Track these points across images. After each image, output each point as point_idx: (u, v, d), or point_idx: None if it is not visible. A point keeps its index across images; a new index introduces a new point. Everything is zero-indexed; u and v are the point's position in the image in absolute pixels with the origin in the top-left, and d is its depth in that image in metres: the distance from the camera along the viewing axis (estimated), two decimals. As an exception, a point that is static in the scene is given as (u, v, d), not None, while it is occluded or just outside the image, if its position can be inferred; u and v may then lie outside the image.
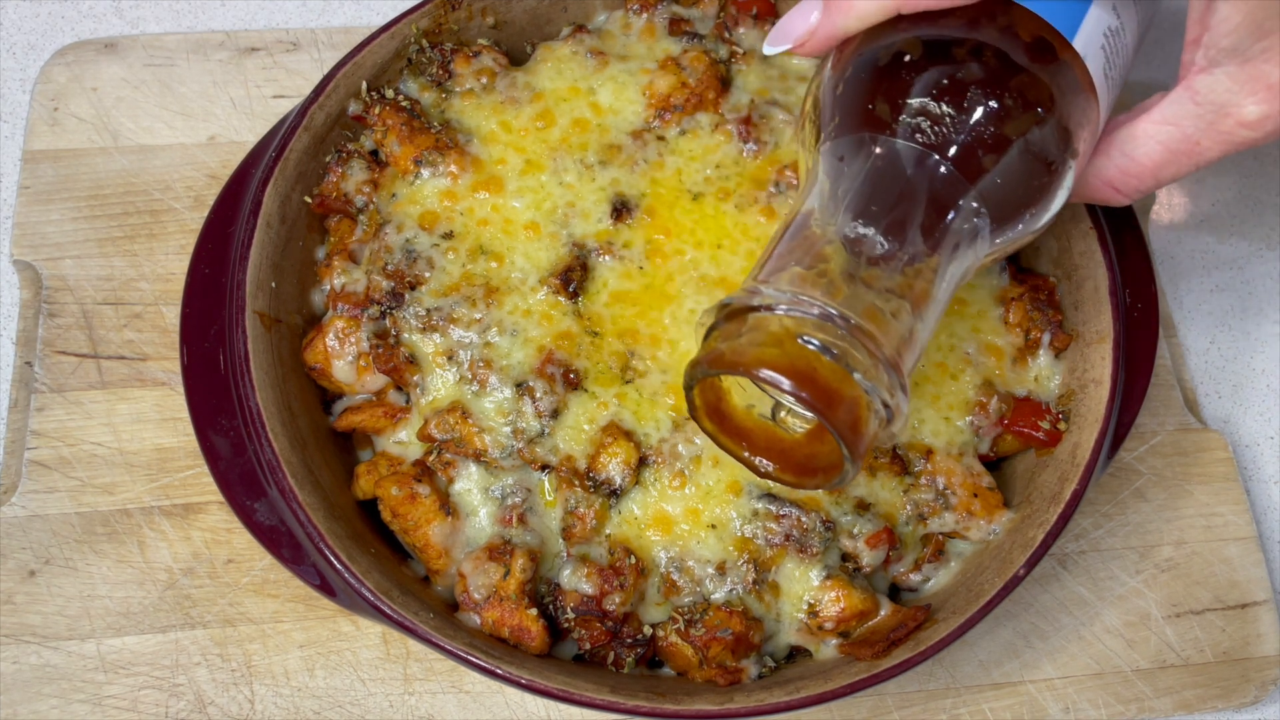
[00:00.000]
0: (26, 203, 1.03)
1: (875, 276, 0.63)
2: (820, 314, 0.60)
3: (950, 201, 0.64)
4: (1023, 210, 0.66)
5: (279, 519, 0.81)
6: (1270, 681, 0.94)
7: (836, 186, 0.66)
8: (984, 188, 0.64)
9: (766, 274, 0.65)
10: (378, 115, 0.91)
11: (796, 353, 0.60)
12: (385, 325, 0.86)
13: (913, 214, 0.64)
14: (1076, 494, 0.81)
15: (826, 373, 0.60)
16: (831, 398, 0.60)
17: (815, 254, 0.64)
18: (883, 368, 0.61)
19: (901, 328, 0.63)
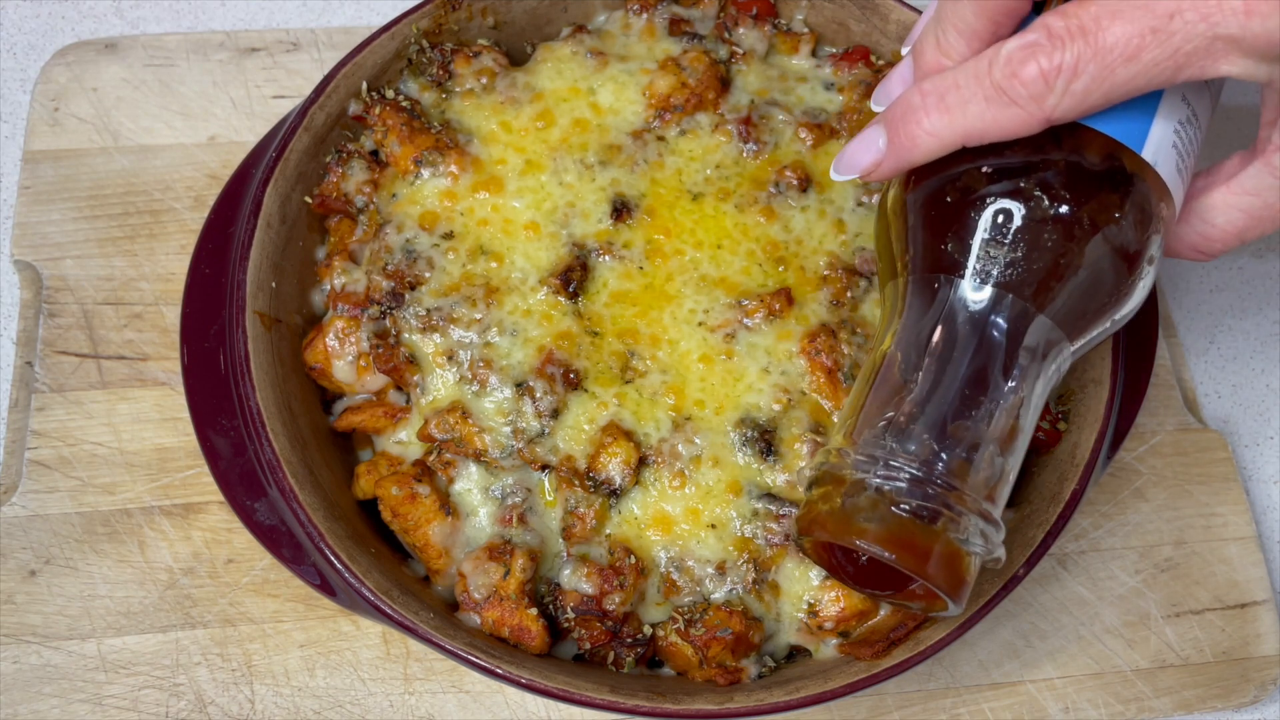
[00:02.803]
0: (27, 203, 1.03)
1: (961, 428, 0.64)
2: (910, 479, 0.63)
3: (1028, 337, 0.65)
4: (1100, 320, 0.67)
5: (279, 519, 0.81)
6: (1270, 681, 0.94)
7: (916, 331, 0.67)
8: (1060, 315, 0.65)
9: (857, 431, 0.67)
10: (378, 115, 0.91)
11: (891, 519, 0.63)
12: (385, 325, 0.86)
13: (993, 358, 0.65)
14: (1076, 494, 0.81)
15: (919, 534, 0.63)
16: (925, 555, 0.63)
17: (901, 406, 0.65)
18: (974, 518, 0.64)
19: (993, 471, 0.65)
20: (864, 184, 0.91)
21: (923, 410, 0.65)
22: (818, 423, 0.83)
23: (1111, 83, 0.59)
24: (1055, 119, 0.61)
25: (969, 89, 0.63)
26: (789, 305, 0.86)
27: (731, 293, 0.87)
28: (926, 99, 0.65)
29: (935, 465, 0.63)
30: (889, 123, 0.68)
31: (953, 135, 0.64)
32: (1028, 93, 0.60)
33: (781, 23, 1.00)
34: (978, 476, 0.64)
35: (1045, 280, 0.64)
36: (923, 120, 0.65)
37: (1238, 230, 0.68)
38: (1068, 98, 0.60)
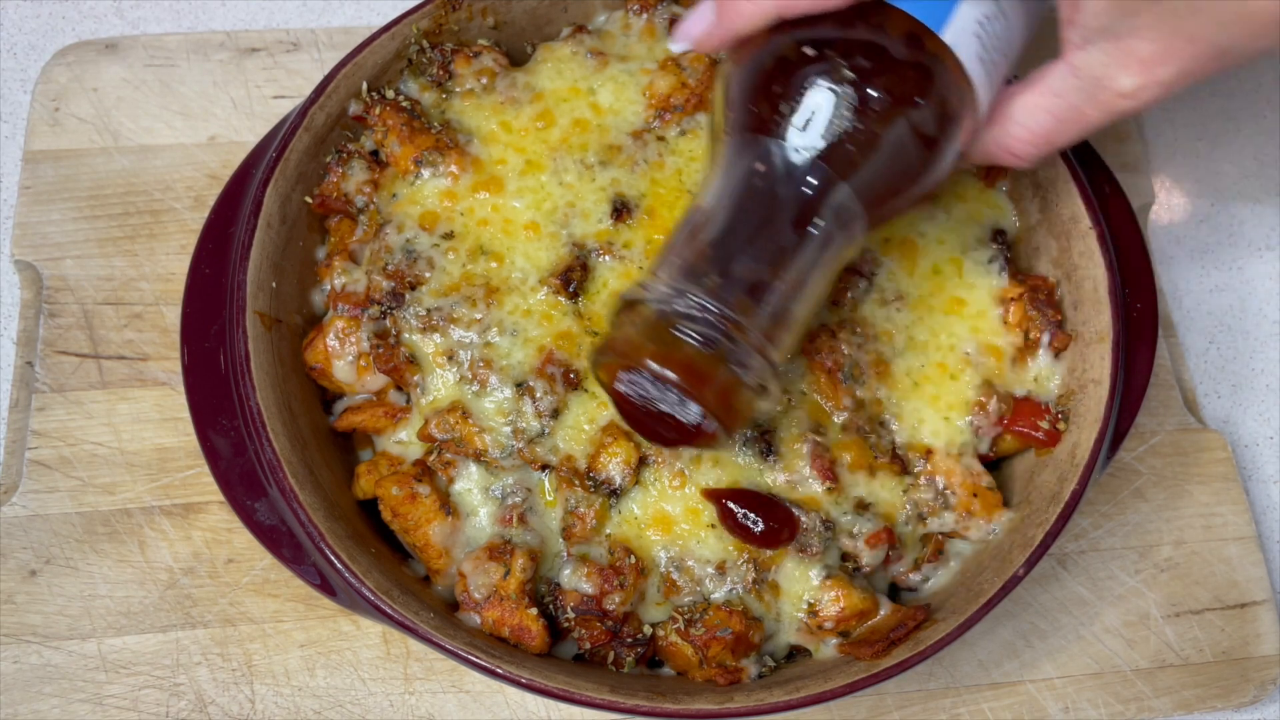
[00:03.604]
0: (27, 203, 1.03)
1: (749, 268, 0.70)
2: (696, 307, 0.69)
3: (826, 199, 0.70)
4: (897, 194, 0.73)
5: (279, 519, 0.81)
6: (1270, 681, 0.94)
7: (725, 183, 0.72)
8: (856, 181, 0.70)
9: (659, 268, 0.73)
10: (378, 115, 0.91)
11: (673, 342, 0.69)
12: (385, 325, 0.86)
13: (785, 210, 0.70)
14: (1076, 494, 0.81)
15: (699, 360, 0.69)
16: (703, 380, 0.69)
17: (699, 248, 0.71)
18: (750, 351, 0.69)
19: (773, 312, 0.71)
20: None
21: (716, 251, 0.71)
22: (818, 423, 0.83)
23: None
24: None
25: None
26: (789, 305, 0.86)
27: (731, 293, 0.87)
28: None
29: (721, 298, 0.69)
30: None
31: (770, 6, 0.70)
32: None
33: (781, 23, 1.00)
34: (760, 316, 0.70)
35: (845, 149, 0.69)
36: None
37: (1045, 131, 0.72)
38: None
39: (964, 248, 0.90)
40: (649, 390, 0.72)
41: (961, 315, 0.88)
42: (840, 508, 0.82)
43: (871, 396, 0.85)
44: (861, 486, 0.83)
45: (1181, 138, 1.18)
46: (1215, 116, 1.19)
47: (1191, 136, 1.18)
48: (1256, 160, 1.17)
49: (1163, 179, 1.16)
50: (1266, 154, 1.18)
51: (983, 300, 0.89)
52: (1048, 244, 0.92)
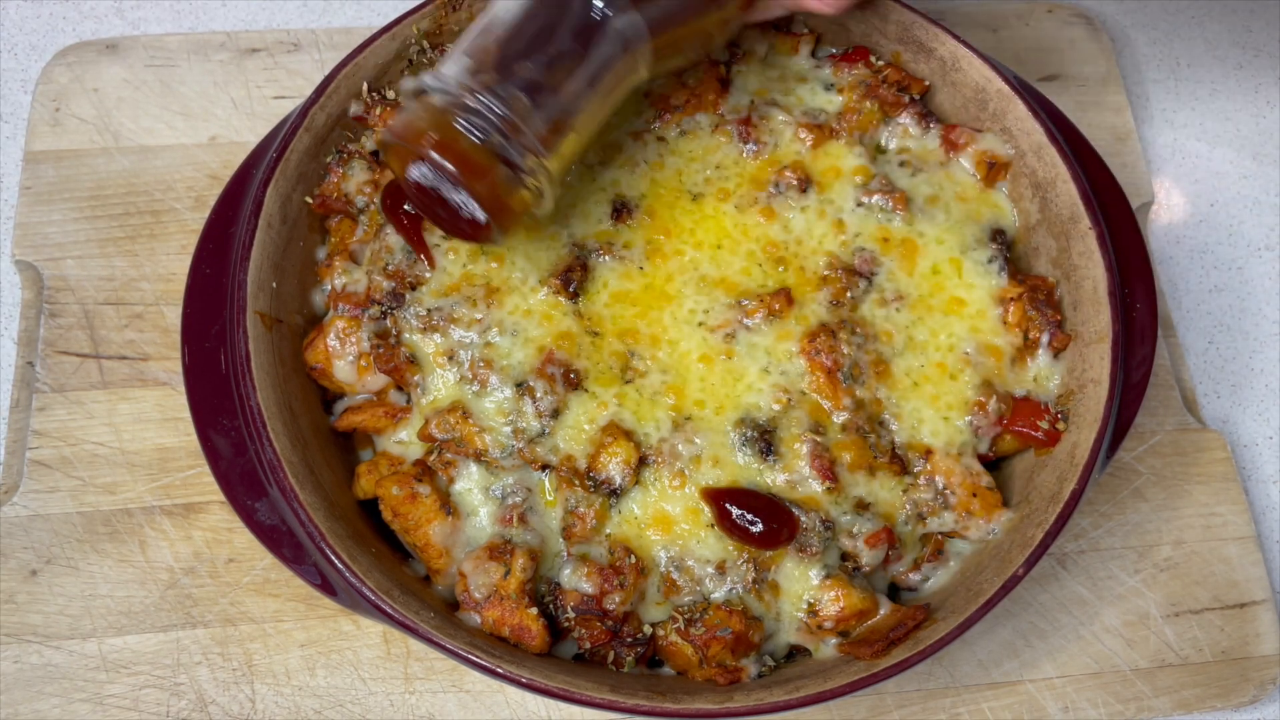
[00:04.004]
0: (28, 203, 1.03)
1: (527, 68, 0.74)
2: (472, 101, 0.73)
3: (614, 21, 0.74)
4: (682, 23, 0.77)
5: (280, 519, 0.81)
6: (1269, 681, 0.94)
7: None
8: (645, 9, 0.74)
9: (449, 60, 0.76)
10: (378, 116, 0.91)
11: (451, 132, 0.73)
12: (386, 325, 0.86)
13: (569, 19, 0.74)
14: (1075, 494, 0.81)
15: (474, 152, 0.73)
16: (475, 171, 0.73)
17: (488, 50, 0.75)
18: (525, 152, 0.73)
19: (550, 115, 0.75)
20: (864, 184, 0.91)
21: (501, 50, 0.75)
22: (817, 422, 0.83)
23: None
24: None
25: None
26: (789, 305, 0.86)
27: (731, 293, 0.87)
28: None
29: (500, 96, 0.73)
30: None
31: None
32: None
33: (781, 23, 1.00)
34: (536, 119, 0.74)
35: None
36: None
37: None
38: None
39: (963, 248, 0.90)
40: (435, 179, 0.76)
41: (961, 315, 0.89)
42: (840, 508, 0.82)
43: (871, 396, 0.85)
44: (861, 486, 0.83)
45: (1181, 138, 1.18)
46: (1215, 116, 1.20)
47: (1191, 136, 1.18)
48: (1256, 160, 1.18)
49: (1163, 179, 1.16)
50: (1266, 154, 1.18)
51: (982, 300, 0.89)
52: (1047, 244, 0.92)
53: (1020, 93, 0.93)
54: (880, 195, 0.90)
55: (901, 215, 0.90)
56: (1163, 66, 1.20)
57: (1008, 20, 1.19)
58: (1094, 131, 1.05)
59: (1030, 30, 1.19)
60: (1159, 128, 1.19)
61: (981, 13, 1.19)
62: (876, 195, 0.91)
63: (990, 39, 1.18)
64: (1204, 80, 1.21)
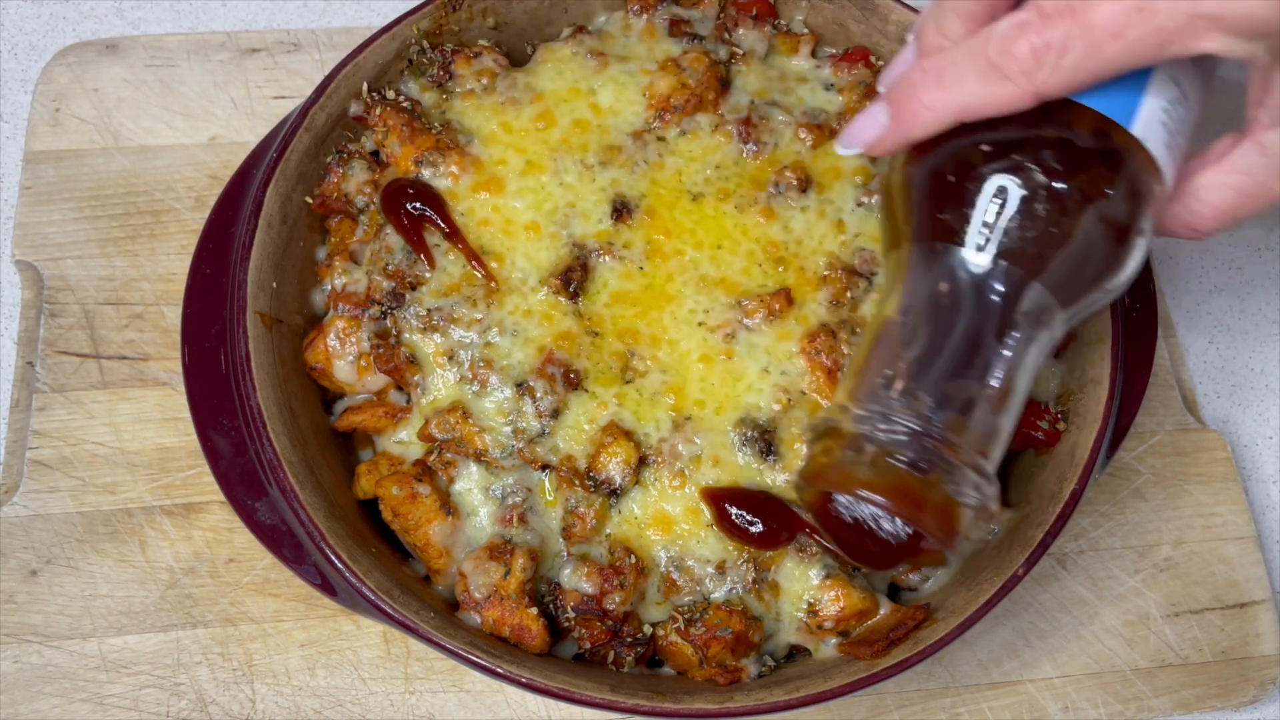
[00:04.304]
0: (28, 203, 1.03)
1: (956, 386, 0.68)
2: (907, 432, 0.67)
3: (1022, 303, 0.68)
4: (1092, 290, 0.70)
5: (280, 518, 0.81)
6: (1269, 681, 0.94)
7: (916, 296, 0.70)
8: (1052, 283, 0.68)
9: (858, 390, 0.70)
10: (378, 116, 0.91)
11: (888, 469, 0.67)
12: (386, 325, 0.86)
13: (987, 321, 0.68)
14: (1075, 493, 0.81)
15: (915, 484, 0.67)
16: (921, 505, 0.67)
17: (896, 366, 0.69)
18: (966, 470, 0.67)
19: (986, 428, 0.69)
20: (864, 184, 0.91)
21: (920, 369, 0.68)
22: (817, 423, 0.83)
23: (1099, 59, 0.62)
24: (1046, 94, 0.64)
25: (965, 65, 0.66)
26: (789, 305, 0.86)
27: (731, 293, 0.87)
28: (926, 76, 0.68)
29: (931, 420, 0.67)
30: (891, 100, 0.71)
31: (949, 110, 0.67)
32: (1019, 68, 0.63)
33: (781, 23, 1.00)
34: (972, 433, 0.68)
35: (1038, 249, 0.67)
36: (923, 96, 0.68)
37: (1229, 208, 0.71)
38: (1057, 73, 0.63)
39: (964, 248, 0.90)
40: (862, 513, 0.72)
41: (961, 315, 0.88)
42: (840, 507, 0.82)
43: (871, 396, 0.85)
44: (861, 486, 0.83)
45: (1181, 138, 1.18)
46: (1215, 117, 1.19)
47: (1191, 137, 1.18)
48: (1256, 160, 1.18)
49: (1162, 179, 1.16)
50: (1266, 154, 1.18)
51: (982, 300, 0.89)
52: (1047, 244, 0.92)
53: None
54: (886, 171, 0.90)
55: (901, 215, 0.90)
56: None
57: (1008, 20, 1.19)
58: (1094, 131, 1.05)
59: (1030, 30, 1.19)
60: (1159, 128, 1.19)
61: (981, 13, 1.19)
62: (877, 195, 0.91)
63: (990, 39, 1.17)
64: (1204, 80, 1.21)
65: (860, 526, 0.73)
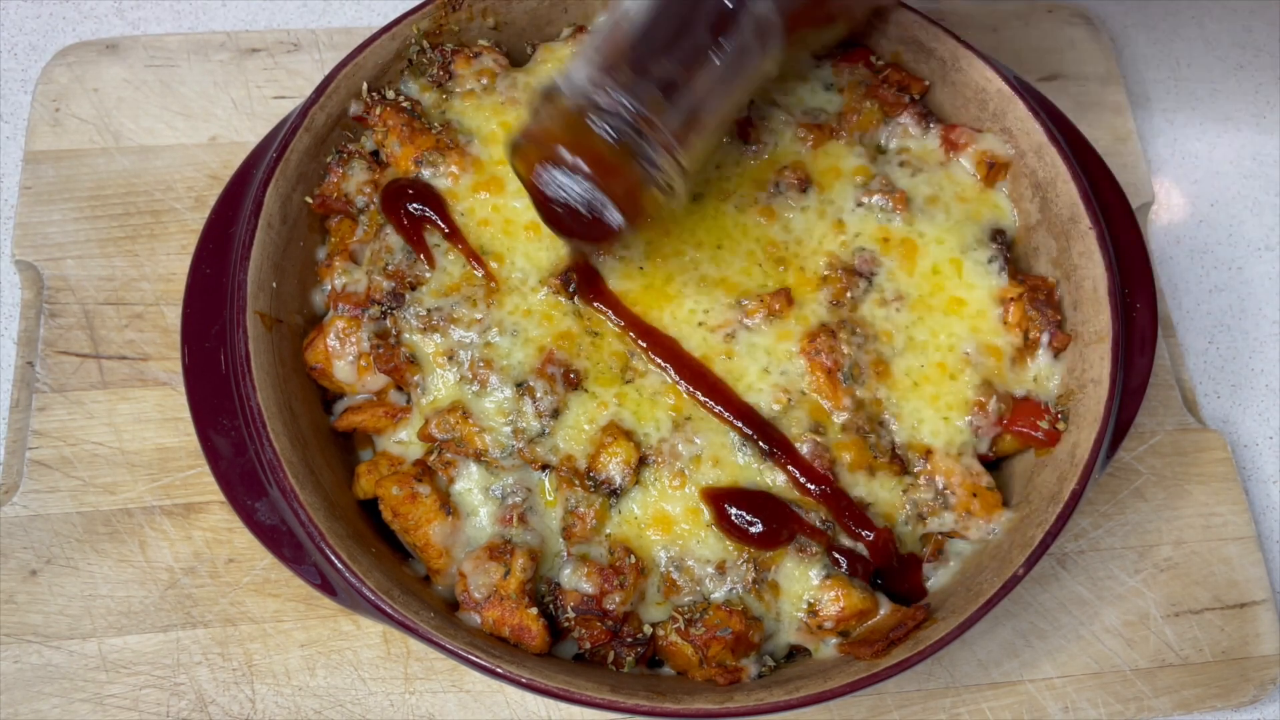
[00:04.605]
0: (28, 203, 1.03)
1: (663, 67, 0.73)
2: (609, 101, 0.72)
3: (734, 11, 0.72)
4: (811, 23, 0.76)
5: (280, 519, 0.81)
6: (1269, 681, 0.94)
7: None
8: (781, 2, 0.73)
9: (578, 62, 0.75)
10: (378, 116, 0.91)
11: (586, 133, 0.72)
12: (386, 325, 0.86)
13: (705, 13, 0.72)
14: (1075, 493, 0.81)
15: (607, 151, 0.72)
16: (611, 172, 0.72)
17: (618, 44, 0.74)
18: (659, 149, 0.72)
19: (685, 113, 0.73)
20: (864, 184, 0.91)
21: (635, 49, 0.73)
22: (817, 422, 0.83)
23: None
24: None
25: None
26: (789, 305, 0.86)
27: (731, 293, 0.87)
28: None
29: (634, 94, 0.72)
30: None
31: None
32: None
33: (781, 23, 1.00)
34: (671, 116, 0.73)
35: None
36: None
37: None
38: None
39: (963, 248, 0.90)
40: (562, 183, 0.75)
41: (961, 315, 0.88)
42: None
43: (871, 396, 0.85)
44: (861, 486, 0.83)
45: (1181, 138, 1.18)
46: (1215, 116, 1.20)
47: (1191, 136, 1.18)
48: (1256, 160, 1.18)
49: (1163, 179, 1.16)
50: (1266, 154, 1.18)
51: (982, 300, 0.89)
52: (1047, 244, 0.92)
53: (1020, 93, 0.93)
54: (880, 195, 0.90)
55: (901, 215, 0.90)
56: (1163, 66, 1.20)
57: (1008, 20, 1.19)
58: (1094, 131, 1.05)
59: (1030, 30, 1.19)
60: (1159, 128, 1.19)
61: (981, 13, 1.19)
62: (876, 195, 0.91)
63: (990, 39, 1.18)
64: (1204, 80, 1.21)
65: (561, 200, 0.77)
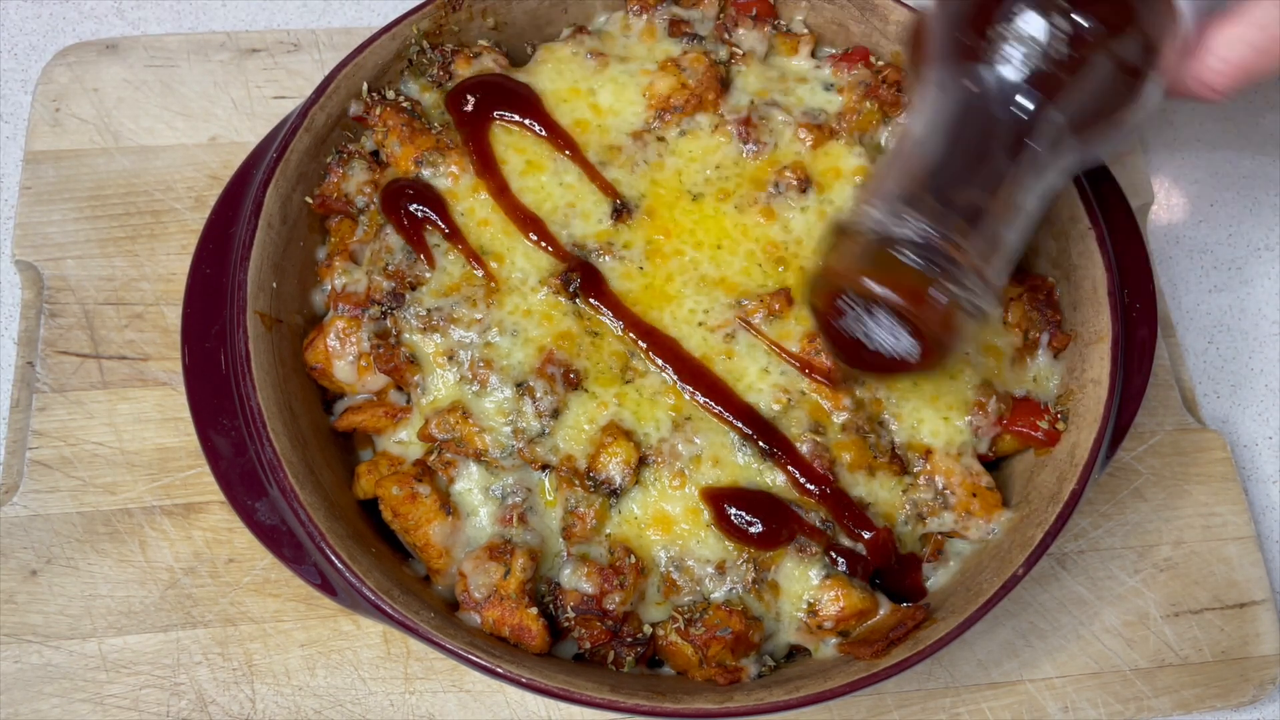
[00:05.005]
0: (28, 203, 1.03)
1: (965, 194, 0.73)
2: (913, 230, 0.71)
3: (1037, 125, 0.72)
4: (1104, 121, 0.74)
5: (280, 519, 0.81)
6: (1269, 681, 0.94)
7: (936, 112, 0.74)
8: (1064, 106, 0.72)
9: (871, 194, 0.75)
10: (378, 116, 0.91)
11: (893, 265, 0.71)
12: (386, 325, 0.86)
13: (1000, 136, 0.72)
14: (1075, 493, 0.81)
15: (916, 281, 0.71)
16: (921, 300, 0.72)
17: (913, 176, 0.74)
18: (969, 273, 0.71)
19: (989, 236, 0.73)
20: (863, 184, 0.91)
21: (932, 178, 0.73)
22: (817, 422, 0.84)
23: None
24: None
25: None
26: (789, 305, 0.86)
27: (731, 293, 0.87)
28: None
29: (939, 222, 0.71)
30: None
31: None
32: None
33: (781, 24, 1.00)
34: (977, 240, 0.72)
35: (1055, 76, 0.71)
36: None
37: (1243, 63, 0.74)
38: None
39: (963, 248, 0.90)
40: (864, 319, 0.75)
41: (961, 315, 0.88)
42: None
43: (871, 396, 0.85)
44: (861, 486, 0.83)
45: (1181, 138, 1.18)
46: (1215, 116, 1.20)
47: (1191, 136, 1.18)
48: (1256, 160, 1.18)
49: (1162, 179, 1.16)
50: (1266, 154, 1.18)
51: (982, 300, 0.89)
52: (1047, 244, 0.92)
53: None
54: None
55: (901, 215, 0.90)
56: None
57: (1008, 20, 1.19)
58: (1094, 131, 1.05)
59: (1030, 30, 1.19)
60: (1159, 128, 1.19)
61: (981, 13, 1.19)
62: (876, 195, 0.91)
63: (990, 39, 1.17)
64: (1204, 80, 1.21)
65: (857, 339, 0.77)
